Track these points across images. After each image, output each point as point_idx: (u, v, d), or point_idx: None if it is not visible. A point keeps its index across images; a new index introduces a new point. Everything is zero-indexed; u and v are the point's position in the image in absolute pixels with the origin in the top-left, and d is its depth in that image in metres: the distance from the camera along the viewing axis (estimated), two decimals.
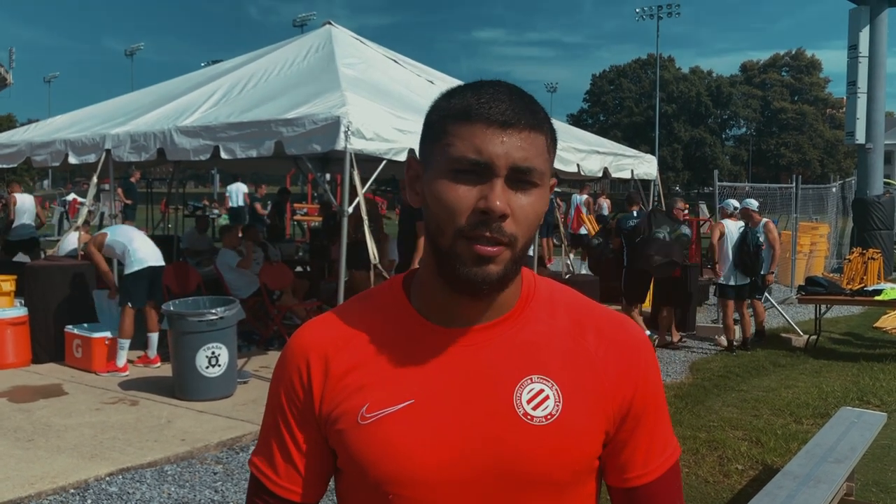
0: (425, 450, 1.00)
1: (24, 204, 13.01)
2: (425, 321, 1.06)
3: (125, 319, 7.05)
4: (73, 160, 8.23)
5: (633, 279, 9.06)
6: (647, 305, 10.09)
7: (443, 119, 0.99)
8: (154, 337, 7.33)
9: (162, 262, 7.35)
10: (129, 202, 17.59)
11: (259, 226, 12.39)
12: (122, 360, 7.09)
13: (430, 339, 1.05)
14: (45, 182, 67.24)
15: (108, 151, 7.78)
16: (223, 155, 6.89)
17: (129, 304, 7.04)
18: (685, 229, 9.01)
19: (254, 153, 6.75)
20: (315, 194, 21.73)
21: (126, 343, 7.08)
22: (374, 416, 1.01)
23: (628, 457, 1.08)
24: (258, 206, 19.33)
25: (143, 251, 7.14)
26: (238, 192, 21.08)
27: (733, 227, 9.12)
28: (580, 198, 21.41)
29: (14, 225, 12.61)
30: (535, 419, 1.00)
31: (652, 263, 8.62)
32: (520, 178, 0.96)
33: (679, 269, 9.10)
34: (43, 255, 11.19)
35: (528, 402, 1.01)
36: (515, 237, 0.96)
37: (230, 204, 21.46)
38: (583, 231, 17.59)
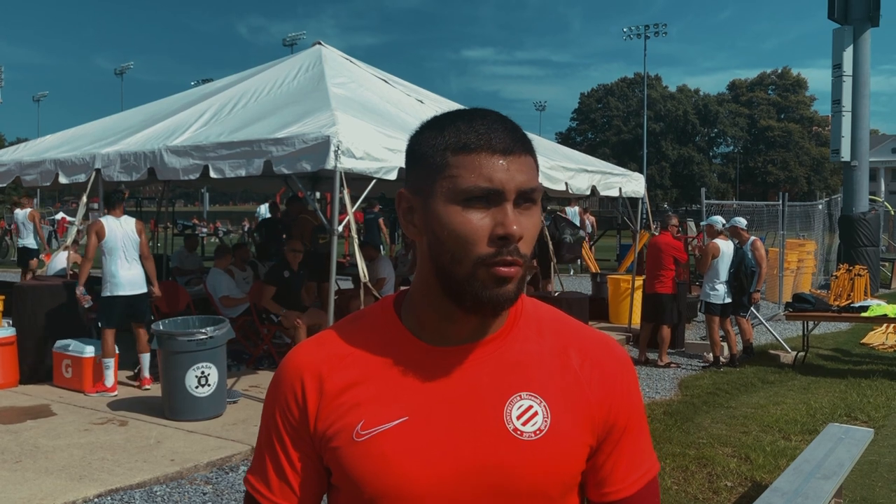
0: (419, 466, 1.02)
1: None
2: (417, 340, 1.09)
3: (105, 339, 7.02)
4: (63, 180, 8.21)
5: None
6: (635, 322, 10.13)
7: (441, 151, 1.02)
8: (145, 357, 7.27)
9: (140, 290, 7.22)
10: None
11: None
12: (109, 380, 7.03)
13: (422, 357, 1.08)
14: (34, 201, 66.97)
15: (98, 171, 7.78)
16: (212, 174, 6.90)
17: (103, 324, 7.03)
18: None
19: (243, 172, 6.77)
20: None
21: (110, 362, 7.02)
22: (369, 433, 1.04)
23: (609, 471, 1.11)
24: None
25: (120, 277, 7.08)
26: (266, 214, 21.24)
27: (725, 247, 9.19)
28: (573, 210, 21.63)
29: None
30: (524, 434, 1.03)
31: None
32: (523, 200, 1.01)
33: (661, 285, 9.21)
34: (31, 275, 11.13)
35: (518, 417, 1.04)
36: (525, 255, 1.02)
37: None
38: None
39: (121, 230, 7.21)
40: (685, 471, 5.41)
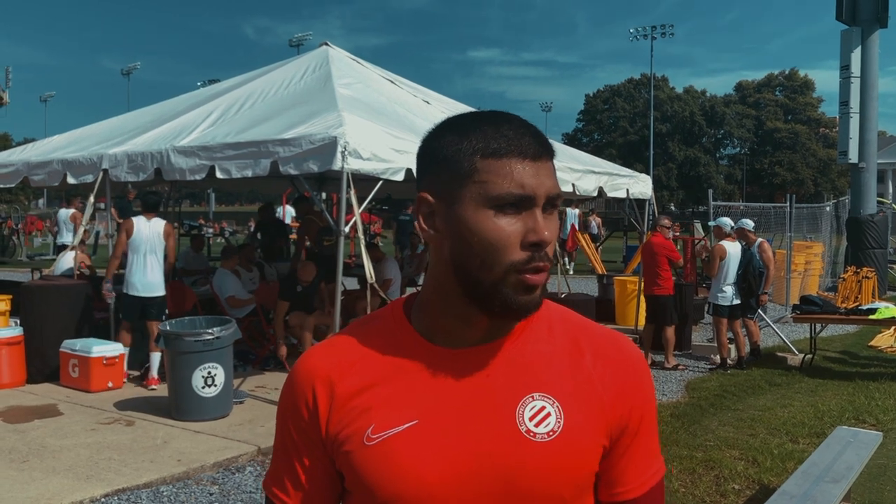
0: (431, 468, 1.02)
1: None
2: (428, 343, 1.08)
3: (121, 330, 7.54)
4: (70, 180, 8.24)
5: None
6: (641, 324, 10.10)
7: (469, 156, 1.02)
8: (155, 357, 7.31)
9: (153, 294, 7.38)
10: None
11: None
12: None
13: (432, 360, 1.07)
14: (41, 201, 67.18)
15: (105, 171, 7.80)
16: (219, 175, 6.92)
17: (121, 316, 7.53)
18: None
19: (249, 173, 6.78)
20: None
21: (124, 350, 7.43)
22: (380, 436, 1.04)
23: (621, 472, 1.10)
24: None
25: (135, 278, 7.33)
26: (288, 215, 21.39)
27: (732, 249, 9.16)
28: (573, 212, 21.65)
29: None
30: (537, 436, 1.03)
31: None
32: (549, 205, 1.02)
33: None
34: (39, 275, 11.18)
35: (531, 419, 1.04)
36: (551, 260, 1.03)
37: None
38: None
39: (147, 231, 7.43)
40: (692, 473, 5.39)
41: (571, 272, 19.93)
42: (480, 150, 1.01)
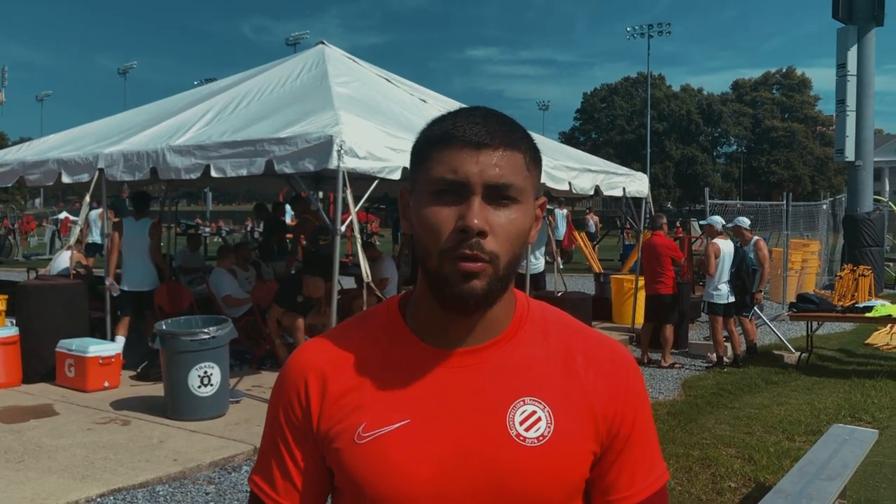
0: (421, 468, 1.02)
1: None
2: (421, 342, 1.08)
3: (119, 323, 8.06)
4: (66, 179, 8.21)
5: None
6: (638, 322, 10.11)
7: (426, 146, 1.03)
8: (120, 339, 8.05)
9: (145, 288, 8.16)
10: (117, 220, 17.64)
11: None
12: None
13: (425, 360, 1.07)
14: (37, 201, 67.08)
15: (101, 171, 7.77)
16: (213, 173, 6.90)
17: (118, 312, 8.09)
18: None
19: (244, 172, 6.77)
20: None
21: (118, 338, 7.99)
22: (371, 435, 1.04)
23: (614, 478, 1.09)
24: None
25: (126, 275, 8.06)
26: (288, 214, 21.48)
27: (725, 247, 9.18)
28: (561, 212, 21.67)
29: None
30: (527, 440, 1.02)
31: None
32: (497, 195, 0.99)
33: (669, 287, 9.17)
34: (35, 275, 11.17)
35: (521, 423, 1.03)
36: (496, 254, 0.99)
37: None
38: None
39: (135, 231, 8.15)
40: (689, 471, 5.39)
41: (555, 269, 19.96)
42: (434, 139, 1.02)
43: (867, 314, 8.98)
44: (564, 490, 1.05)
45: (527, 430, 1.03)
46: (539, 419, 1.04)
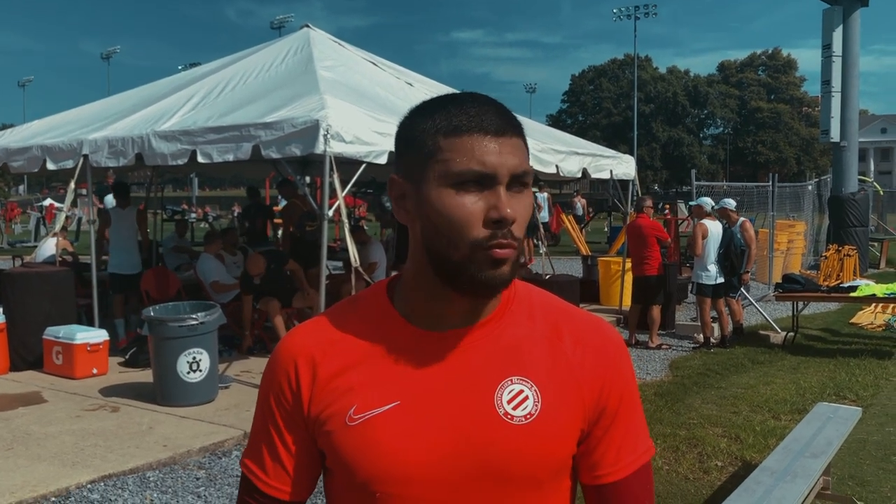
0: (411, 449, 1.03)
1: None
2: (409, 325, 1.09)
3: (114, 302, 8.72)
4: (50, 166, 8.14)
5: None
6: (626, 304, 10.16)
7: (432, 135, 1.02)
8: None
9: (131, 272, 8.67)
10: (101, 206, 17.57)
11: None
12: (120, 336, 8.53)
13: (414, 342, 1.08)
14: (21, 187, 66.50)
15: (85, 157, 7.71)
16: (200, 159, 6.87)
17: (111, 291, 8.73)
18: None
19: (231, 157, 6.73)
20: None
21: (117, 322, 8.64)
22: (362, 417, 1.05)
23: (601, 455, 1.11)
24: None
25: (114, 258, 8.47)
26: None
27: (714, 228, 9.22)
28: (542, 195, 21.71)
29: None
30: (515, 419, 1.04)
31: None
32: (517, 183, 1.01)
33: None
34: (20, 262, 11.10)
35: (509, 402, 1.05)
36: (519, 238, 1.02)
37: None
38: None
39: (120, 219, 8.68)
40: (676, 451, 5.45)
41: (542, 252, 20.04)
42: (443, 128, 1.01)
43: (852, 294, 9.06)
44: (552, 467, 1.06)
45: (514, 408, 1.04)
46: (526, 398, 1.05)
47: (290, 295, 8.19)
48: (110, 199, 13.10)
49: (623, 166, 10.71)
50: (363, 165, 6.65)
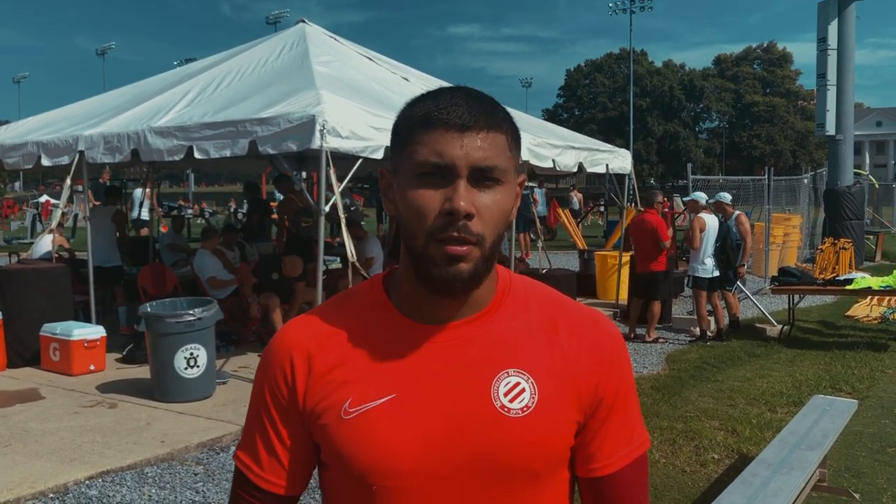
0: (407, 442, 1.03)
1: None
2: (405, 318, 1.09)
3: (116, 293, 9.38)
4: (45, 162, 8.12)
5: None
6: (622, 298, 10.18)
7: (407, 128, 1.04)
8: (122, 310, 9.21)
9: (110, 265, 8.98)
10: (97, 203, 17.50)
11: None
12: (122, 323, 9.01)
13: (409, 335, 1.08)
14: (17, 184, 66.31)
15: (81, 153, 7.70)
16: (197, 155, 6.86)
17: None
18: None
19: (227, 153, 6.72)
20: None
21: (120, 309, 9.19)
22: (357, 410, 1.05)
23: (597, 447, 1.11)
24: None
25: (95, 253, 8.42)
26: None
27: (710, 221, 9.22)
28: (541, 190, 21.74)
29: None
30: (511, 411, 1.04)
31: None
32: (482, 177, 1.00)
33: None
34: (16, 259, 11.08)
35: (505, 394, 1.05)
36: (483, 236, 1.00)
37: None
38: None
39: (100, 217, 9.15)
40: (672, 444, 5.47)
41: (539, 246, 20.07)
42: (416, 122, 1.02)
43: (848, 287, 9.08)
44: (549, 459, 1.07)
45: (511, 401, 1.04)
46: (523, 390, 1.05)
47: (289, 293, 8.20)
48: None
49: (619, 160, 10.71)
50: (360, 161, 6.65)
